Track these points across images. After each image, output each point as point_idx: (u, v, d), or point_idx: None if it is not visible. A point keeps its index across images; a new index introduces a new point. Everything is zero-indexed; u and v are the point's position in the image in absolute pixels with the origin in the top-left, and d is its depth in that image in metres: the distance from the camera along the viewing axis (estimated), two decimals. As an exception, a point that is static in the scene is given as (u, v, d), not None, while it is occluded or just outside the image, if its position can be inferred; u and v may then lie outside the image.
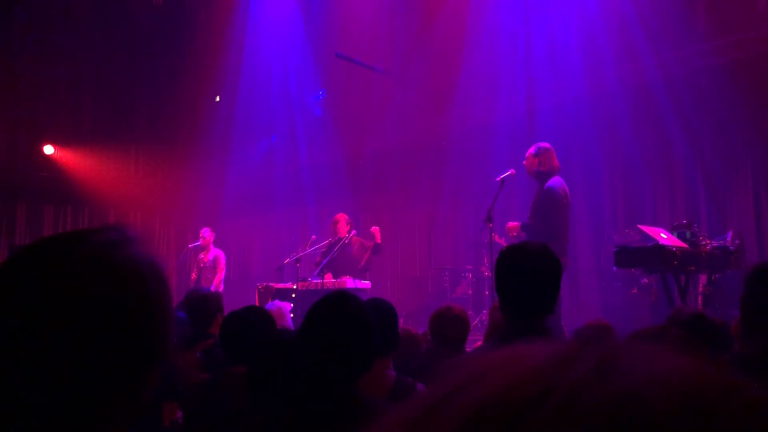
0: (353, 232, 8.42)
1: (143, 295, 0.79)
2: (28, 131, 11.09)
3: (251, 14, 11.43)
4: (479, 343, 4.15)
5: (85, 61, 11.58)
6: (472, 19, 8.67)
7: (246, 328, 2.47)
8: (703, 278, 5.51)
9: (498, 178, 5.69)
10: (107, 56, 11.65)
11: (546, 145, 5.40)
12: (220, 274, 8.93)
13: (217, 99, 12.37)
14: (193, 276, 9.07)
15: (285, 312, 4.63)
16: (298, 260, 7.84)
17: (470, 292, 8.11)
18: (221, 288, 8.92)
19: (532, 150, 5.42)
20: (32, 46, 11.10)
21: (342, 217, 7.99)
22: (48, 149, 11.20)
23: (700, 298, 5.50)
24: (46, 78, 11.32)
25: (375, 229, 7.84)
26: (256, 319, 2.58)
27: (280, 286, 8.14)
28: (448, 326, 3.18)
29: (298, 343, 1.67)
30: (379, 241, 7.70)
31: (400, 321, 3.22)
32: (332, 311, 1.60)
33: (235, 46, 11.36)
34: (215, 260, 8.94)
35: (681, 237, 4.95)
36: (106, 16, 11.33)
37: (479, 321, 7.31)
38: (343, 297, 1.66)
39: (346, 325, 1.56)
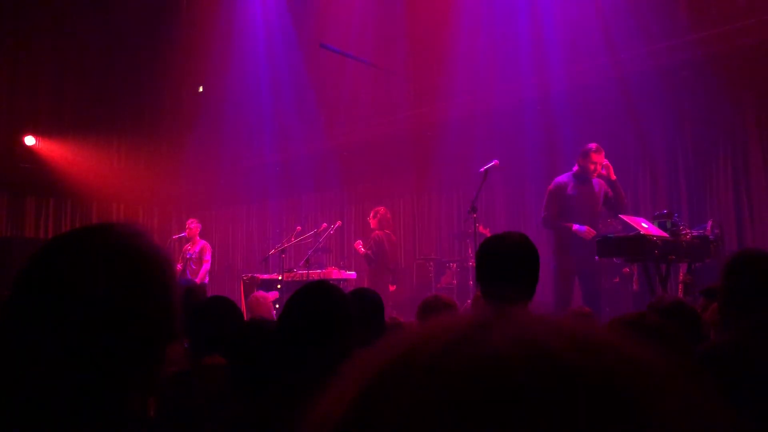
0: (338, 223, 8.44)
1: (161, 279, 0.88)
2: (8, 122, 10.95)
3: (234, 3, 11.35)
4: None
5: (66, 51, 11.45)
6: (457, 10, 8.67)
7: (212, 319, 2.48)
8: (683, 267, 5.59)
9: (482, 169, 5.74)
10: (89, 46, 11.53)
11: None
12: (206, 266, 8.89)
13: (200, 90, 12.29)
14: (179, 267, 9.03)
15: (267, 302, 4.64)
16: (283, 251, 7.85)
17: (455, 282, 8.15)
18: (206, 279, 8.90)
19: (603, 157, 5.66)
20: (12, 35, 10.95)
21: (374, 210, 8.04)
22: (29, 140, 11.07)
23: (680, 286, 5.58)
24: (27, 68, 11.19)
25: (357, 244, 7.89)
26: (221, 309, 2.59)
27: (266, 276, 8.15)
28: (437, 316, 3.19)
29: (277, 332, 1.68)
30: (362, 253, 7.75)
31: (386, 311, 3.24)
32: (309, 301, 1.61)
33: (218, 37, 11.28)
34: (201, 251, 8.91)
35: (662, 226, 5.02)
36: (87, 5, 11.20)
37: (464, 310, 7.37)
38: (320, 287, 1.68)
39: (322, 314, 1.58)
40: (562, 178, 5.80)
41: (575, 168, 5.75)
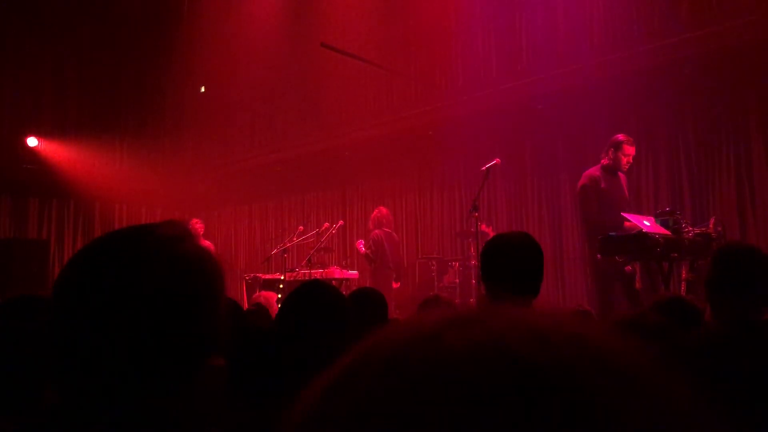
0: (340, 222, 8.45)
1: (203, 286, 0.85)
2: (11, 123, 10.97)
3: (236, 4, 11.35)
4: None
5: (68, 52, 11.47)
6: (459, 9, 8.66)
7: None
8: (686, 265, 5.57)
9: (483, 168, 5.72)
10: (91, 47, 11.54)
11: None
12: (208, 266, 8.89)
13: (203, 90, 12.30)
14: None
15: (271, 302, 4.64)
16: (285, 251, 7.85)
17: (457, 281, 8.14)
18: (209, 280, 8.91)
19: (634, 148, 5.52)
20: (15, 36, 10.97)
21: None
22: (32, 141, 11.09)
23: (683, 284, 5.56)
24: (30, 68, 11.20)
25: (358, 244, 7.90)
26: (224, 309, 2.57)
27: (268, 276, 8.16)
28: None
29: (275, 333, 1.68)
30: (362, 253, 7.74)
31: (389, 310, 3.24)
32: (304, 301, 1.61)
33: (220, 37, 11.28)
34: (204, 252, 8.91)
35: (664, 224, 5.00)
36: (90, 6, 11.21)
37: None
38: (315, 286, 1.68)
39: (318, 314, 1.58)
40: (594, 171, 5.51)
41: (604, 161, 5.50)
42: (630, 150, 5.47)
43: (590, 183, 5.43)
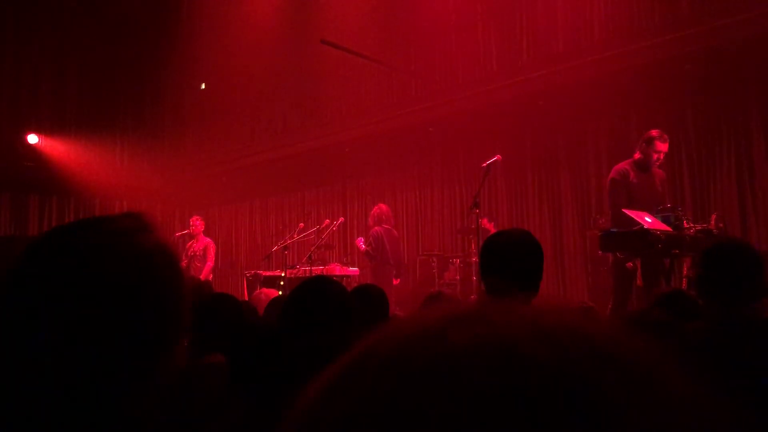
0: (340, 219, 8.44)
1: (153, 280, 0.82)
2: (11, 120, 10.96)
3: (236, 0, 11.32)
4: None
5: (68, 49, 11.46)
6: (459, 4, 8.64)
7: (215, 317, 2.46)
8: (687, 261, 5.56)
9: (484, 165, 5.70)
10: (91, 44, 11.53)
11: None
12: (210, 264, 8.89)
13: (203, 86, 12.29)
14: (183, 265, 9.01)
15: (271, 299, 4.64)
16: (286, 248, 7.85)
17: (458, 277, 8.14)
18: (210, 277, 8.90)
19: (667, 145, 5.35)
20: (14, 34, 10.95)
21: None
22: (32, 138, 11.09)
23: (684, 281, 5.55)
24: (29, 65, 11.19)
25: (358, 241, 7.89)
26: (225, 307, 2.57)
27: (269, 273, 8.16)
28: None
29: (278, 329, 1.68)
30: (362, 250, 7.72)
31: (390, 306, 3.23)
32: (307, 297, 1.61)
33: (220, 33, 11.26)
34: (205, 249, 8.90)
35: (665, 221, 4.99)
36: (89, 3, 11.20)
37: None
38: (318, 282, 1.67)
39: (321, 310, 1.57)
40: (623, 165, 5.42)
41: (636, 155, 5.40)
42: (662, 147, 5.31)
43: (619, 177, 5.35)
